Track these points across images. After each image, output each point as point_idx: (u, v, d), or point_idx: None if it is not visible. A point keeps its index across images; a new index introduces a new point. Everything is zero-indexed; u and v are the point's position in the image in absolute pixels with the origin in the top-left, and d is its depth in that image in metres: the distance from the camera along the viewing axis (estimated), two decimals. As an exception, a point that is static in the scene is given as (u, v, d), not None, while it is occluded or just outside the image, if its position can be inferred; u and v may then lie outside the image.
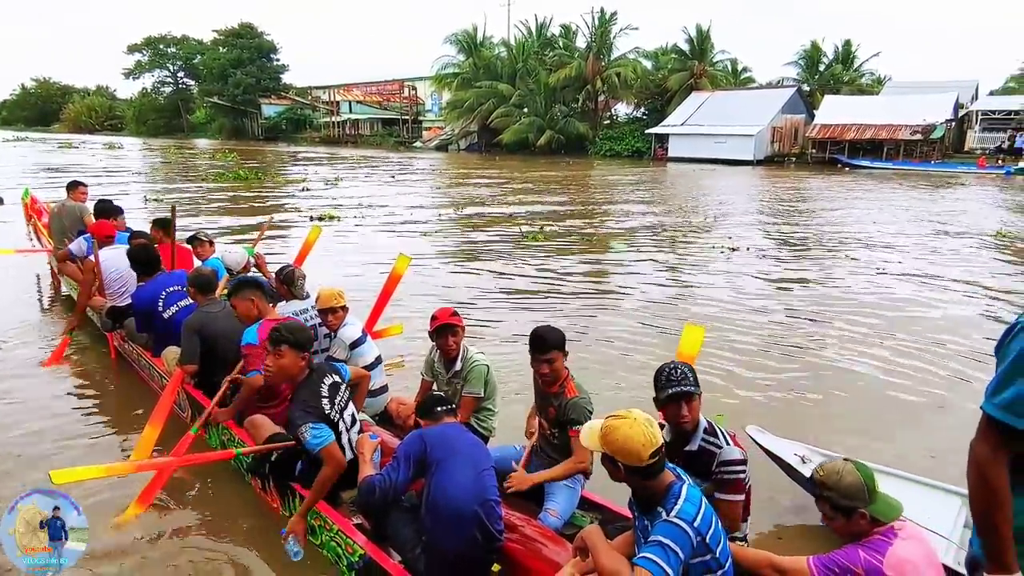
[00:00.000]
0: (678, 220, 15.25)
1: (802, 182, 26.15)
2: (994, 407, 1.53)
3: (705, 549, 2.02)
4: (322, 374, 3.15)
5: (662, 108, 42.74)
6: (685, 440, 2.57)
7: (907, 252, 11.36)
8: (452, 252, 11.30)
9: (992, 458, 1.54)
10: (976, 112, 36.75)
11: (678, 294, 8.54)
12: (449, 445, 2.67)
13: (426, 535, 2.61)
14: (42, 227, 8.81)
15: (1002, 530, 1.54)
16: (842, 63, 44.70)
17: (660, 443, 2.04)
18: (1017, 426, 1.49)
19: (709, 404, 4.23)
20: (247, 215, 15.01)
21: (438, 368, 3.74)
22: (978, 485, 1.56)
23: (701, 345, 3.40)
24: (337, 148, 50.60)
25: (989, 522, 1.55)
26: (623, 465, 2.05)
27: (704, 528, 2.03)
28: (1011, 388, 1.50)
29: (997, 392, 1.54)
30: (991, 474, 1.53)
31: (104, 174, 24.94)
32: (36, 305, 7.76)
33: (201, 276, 4.32)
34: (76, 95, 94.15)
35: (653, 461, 2.03)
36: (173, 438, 3.81)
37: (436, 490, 2.58)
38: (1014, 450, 1.54)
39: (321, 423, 2.94)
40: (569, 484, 3.14)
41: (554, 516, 3.01)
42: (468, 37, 47.76)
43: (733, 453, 2.49)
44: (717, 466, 2.49)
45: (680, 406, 2.49)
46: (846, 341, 6.50)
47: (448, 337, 3.55)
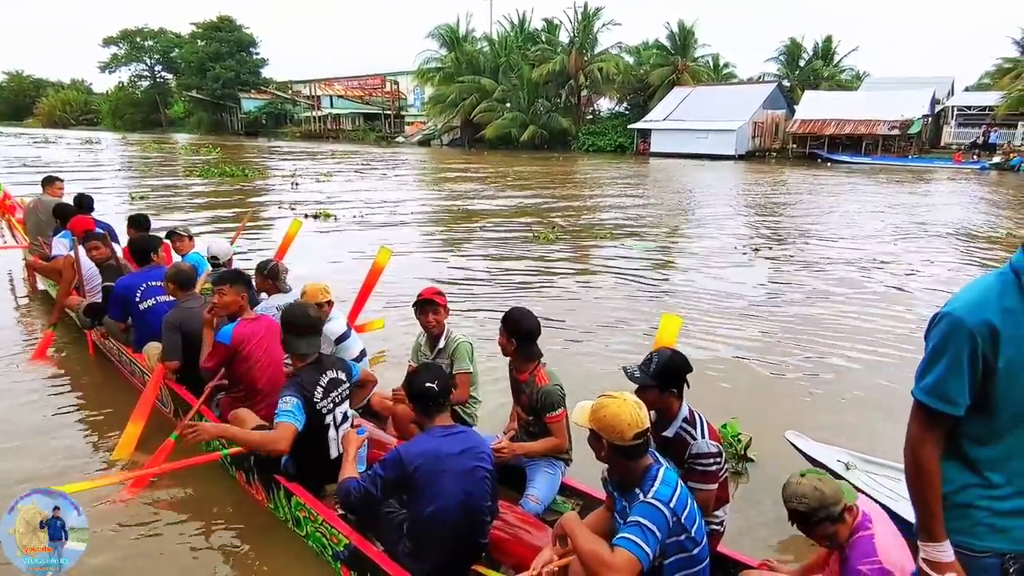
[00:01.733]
0: (678, 216, 15.18)
1: (786, 177, 26.48)
2: (920, 391, 1.65)
3: (680, 529, 2.10)
4: (327, 367, 3.16)
5: (644, 103, 42.94)
6: (664, 425, 2.64)
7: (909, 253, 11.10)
8: (455, 248, 11.17)
9: (922, 438, 1.66)
10: (952, 108, 37.42)
11: (688, 289, 8.44)
12: (432, 464, 2.49)
13: (409, 546, 2.61)
14: (16, 223, 8.67)
15: (931, 504, 1.65)
16: (822, 59, 45.24)
17: (646, 427, 2.12)
18: (938, 408, 1.61)
19: (720, 407, 4.29)
20: (235, 210, 14.72)
21: (423, 350, 3.79)
22: (911, 463, 1.68)
23: (678, 333, 3.45)
24: (319, 143, 50.17)
25: (920, 496, 1.67)
26: (607, 442, 2.12)
27: (680, 508, 2.11)
28: (931, 374, 1.63)
29: (922, 377, 1.66)
30: (921, 453, 1.65)
31: (86, 170, 24.50)
32: (11, 301, 7.63)
33: (180, 272, 4.29)
34: (50, 89, 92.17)
35: (637, 442, 2.10)
36: (156, 434, 3.79)
37: (417, 513, 2.55)
38: (944, 428, 1.65)
39: (302, 407, 2.96)
40: (549, 471, 3.21)
41: (535, 502, 3.08)
42: (451, 32, 47.54)
43: (705, 447, 2.53)
44: (689, 457, 2.55)
45: (644, 394, 2.51)
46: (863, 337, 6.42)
47: (429, 314, 3.61)
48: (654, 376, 2.55)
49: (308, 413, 3.00)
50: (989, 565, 1.68)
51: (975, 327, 1.56)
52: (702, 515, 2.27)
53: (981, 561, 1.68)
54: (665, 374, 2.56)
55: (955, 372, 1.58)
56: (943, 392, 1.60)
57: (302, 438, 2.98)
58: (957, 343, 1.57)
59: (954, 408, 1.61)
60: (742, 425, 4.15)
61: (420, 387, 2.57)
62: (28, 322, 6.61)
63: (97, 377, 5.23)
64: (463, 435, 2.65)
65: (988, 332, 1.56)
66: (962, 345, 1.57)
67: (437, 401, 2.60)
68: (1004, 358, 1.57)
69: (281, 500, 3.22)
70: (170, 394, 4.26)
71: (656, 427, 2.65)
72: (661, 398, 2.58)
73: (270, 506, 3.31)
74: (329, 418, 3.13)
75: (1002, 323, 1.56)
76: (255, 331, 3.69)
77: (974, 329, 1.56)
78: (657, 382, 2.55)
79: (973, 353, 1.57)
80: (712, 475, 2.54)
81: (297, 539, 3.13)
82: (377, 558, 2.61)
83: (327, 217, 13.81)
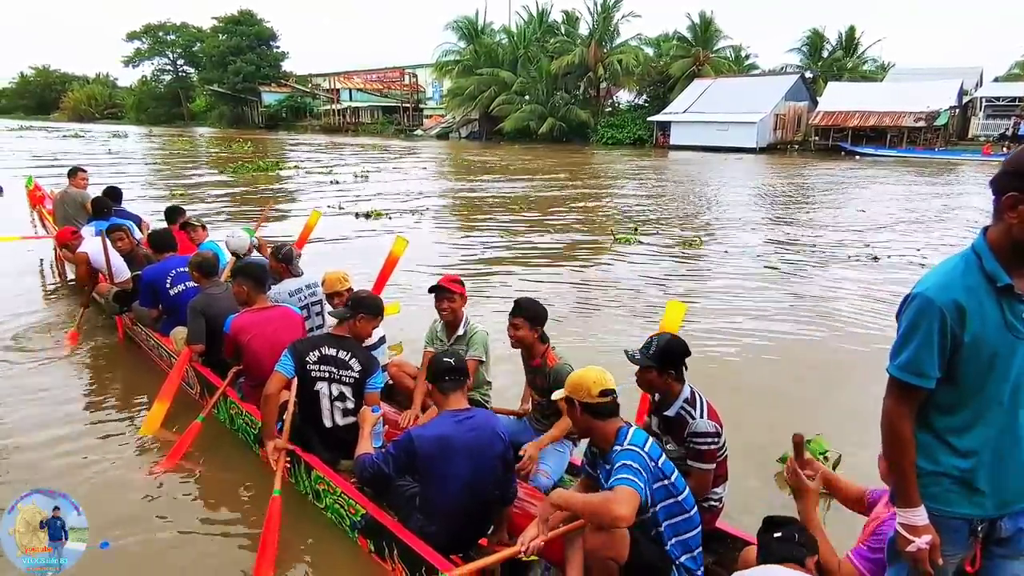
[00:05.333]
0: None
1: (813, 170, 26.03)
2: (895, 368, 1.77)
3: (661, 474, 2.31)
4: (338, 345, 3.31)
5: (664, 95, 42.60)
6: (666, 405, 2.77)
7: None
8: (532, 261, 9.74)
9: (898, 411, 1.78)
10: (980, 99, 36.63)
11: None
12: (442, 448, 2.58)
13: (420, 519, 2.72)
14: (47, 213, 8.96)
15: (907, 472, 1.78)
16: (845, 49, 44.47)
17: (611, 387, 2.38)
18: (913, 383, 1.73)
19: (804, 419, 4.06)
20: (286, 214, 13.55)
21: (440, 336, 3.88)
22: (887, 435, 1.80)
23: (682, 319, 3.51)
24: (338, 136, 50.44)
25: (897, 464, 1.80)
26: (578, 403, 2.39)
27: (655, 454, 2.34)
28: (904, 352, 1.75)
29: (896, 355, 1.77)
30: (898, 426, 1.78)
31: (117, 163, 24.79)
32: (40, 289, 7.88)
33: (205, 261, 4.46)
34: (76, 83, 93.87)
35: (604, 399, 2.36)
36: (182, 413, 3.96)
37: (427, 491, 2.69)
38: (917, 400, 1.77)
39: (292, 360, 3.28)
40: (559, 448, 3.34)
41: (545, 477, 3.22)
42: (469, 24, 47.55)
43: (704, 426, 2.66)
44: (688, 435, 2.68)
45: (642, 376, 2.78)
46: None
47: (444, 300, 3.69)
48: (653, 358, 2.70)
49: (298, 370, 3.28)
50: (958, 526, 1.81)
51: (944, 305, 1.67)
52: (696, 500, 2.47)
53: (951, 522, 1.80)
54: (663, 356, 2.71)
55: (927, 348, 1.70)
56: (916, 367, 1.72)
57: (298, 402, 3.28)
58: (928, 321, 1.69)
59: (926, 381, 1.73)
60: (829, 441, 3.91)
61: (439, 362, 2.76)
62: (59, 307, 6.82)
63: (127, 360, 5.42)
64: (476, 419, 2.71)
65: (955, 309, 1.67)
66: (933, 322, 1.68)
67: (451, 375, 2.72)
68: (970, 333, 1.68)
69: (302, 474, 3.36)
70: (196, 376, 4.43)
71: (659, 407, 2.81)
72: (660, 379, 2.73)
73: (291, 480, 3.45)
74: (321, 385, 3.29)
75: (967, 300, 1.67)
76: (254, 320, 3.84)
77: (943, 307, 1.67)
78: (655, 363, 2.70)
79: (943, 329, 1.68)
80: (710, 454, 2.66)
81: (317, 512, 3.27)
82: (392, 527, 2.74)
83: (379, 216, 13.03)
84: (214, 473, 3.76)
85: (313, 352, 3.29)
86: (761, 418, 4.45)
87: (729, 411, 3.03)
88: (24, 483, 3.42)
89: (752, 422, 4.29)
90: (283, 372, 3.27)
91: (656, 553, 2.32)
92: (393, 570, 2.77)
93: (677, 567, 2.33)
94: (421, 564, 2.58)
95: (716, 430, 2.67)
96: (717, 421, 2.72)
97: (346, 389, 3.32)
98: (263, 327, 3.82)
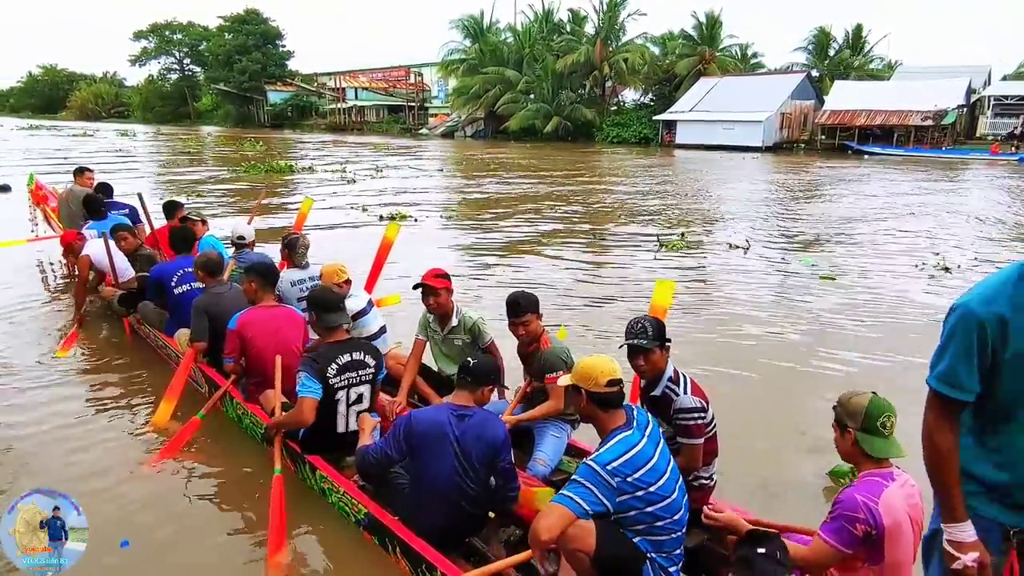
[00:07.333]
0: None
1: (820, 170, 25.85)
2: (933, 378, 1.73)
3: (633, 487, 2.18)
4: (351, 348, 3.31)
5: (670, 94, 42.51)
6: (653, 386, 2.84)
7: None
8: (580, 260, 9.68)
9: (938, 425, 1.72)
10: (988, 97, 36.36)
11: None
12: (434, 429, 2.67)
13: (412, 510, 2.77)
14: (51, 212, 8.97)
15: (951, 486, 1.73)
16: (852, 48, 44.24)
17: (619, 378, 2.31)
18: (951, 395, 1.68)
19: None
20: (312, 218, 13.08)
21: (432, 326, 3.90)
22: (929, 449, 1.74)
23: (671, 298, 3.50)
24: (344, 135, 50.41)
25: (940, 479, 1.74)
26: (584, 391, 2.31)
27: (628, 469, 2.18)
28: (942, 363, 1.71)
29: (935, 366, 1.73)
30: (939, 439, 1.72)
31: (131, 162, 24.76)
32: (44, 290, 7.89)
33: (209, 260, 4.46)
34: (83, 82, 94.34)
35: (611, 390, 2.29)
36: (192, 411, 3.99)
37: (415, 474, 2.76)
38: (957, 413, 1.72)
39: (316, 379, 3.17)
40: (556, 434, 3.38)
41: (543, 464, 3.25)
42: (475, 22, 47.56)
43: (687, 402, 2.72)
44: (674, 412, 2.73)
45: (637, 357, 2.78)
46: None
47: (428, 297, 3.72)
48: (656, 338, 2.76)
49: (322, 386, 3.20)
50: (989, 526, 1.76)
51: (986, 318, 1.62)
52: (686, 474, 2.52)
53: (982, 521, 1.75)
54: (661, 333, 2.78)
55: (965, 360, 1.65)
56: (954, 379, 1.67)
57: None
58: (967, 332, 1.65)
59: (963, 394, 1.68)
60: None
61: (463, 362, 2.85)
62: (64, 304, 6.83)
63: (135, 358, 5.43)
64: (474, 419, 2.70)
65: (998, 324, 1.62)
66: (971, 334, 1.64)
67: (461, 373, 2.81)
68: (1012, 350, 1.63)
69: (307, 472, 3.38)
70: (203, 375, 4.44)
71: (646, 389, 2.88)
72: (662, 356, 2.79)
73: (299, 476, 3.48)
74: (341, 394, 3.29)
75: (1013, 316, 1.61)
76: (260, 317, 3.86)
77: (984, 320, 1.62)
78: (659, 343, 2.77)
79: (982, 343, 1.63)
80: (697, 428, 2.71)
81: (325, 504, 3.30)
82: (392, 525, 2.78)
83: (403, 218, 12.64)
84: (221, 461, 3.80)
85: (331, 366, 3.23)
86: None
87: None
88: (28, 476, 3.46)
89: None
90: (312, 396, 3.14)
91: (625, 544, 2.26)
92: (397, 563, 2.81)
93: (650, 560, 2.26)
94: (421, 562, 2.61)
95: (701, 405, 2.73)
96: (702, 396, 2.77)
97: (364, 389, 3.36)
98: (267, 324, 3.86)
